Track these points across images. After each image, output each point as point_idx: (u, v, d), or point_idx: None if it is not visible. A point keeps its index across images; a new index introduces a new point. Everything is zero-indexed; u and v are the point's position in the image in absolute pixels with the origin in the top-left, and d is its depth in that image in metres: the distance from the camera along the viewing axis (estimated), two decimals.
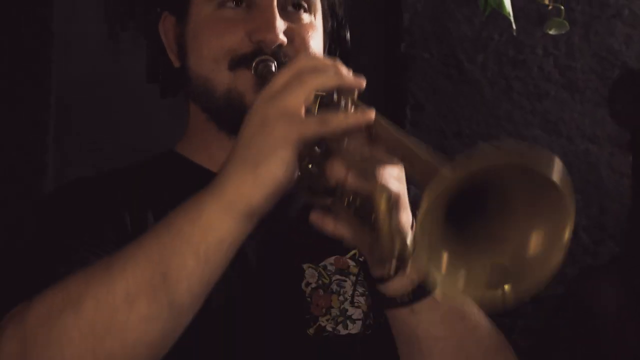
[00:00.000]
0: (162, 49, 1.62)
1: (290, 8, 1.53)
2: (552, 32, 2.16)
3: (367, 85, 1.27)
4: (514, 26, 2.26)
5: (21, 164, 2.25)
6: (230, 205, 1.23)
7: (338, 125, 1.21)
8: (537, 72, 2.65)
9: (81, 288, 1.25)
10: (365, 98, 1.28)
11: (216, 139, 1.57)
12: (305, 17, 1.55)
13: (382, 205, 1.12)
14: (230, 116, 1.50)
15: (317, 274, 1.54)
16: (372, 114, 1.22)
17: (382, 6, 2.49)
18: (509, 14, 2.21)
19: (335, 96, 1.25)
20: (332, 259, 1.55)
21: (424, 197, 0.99)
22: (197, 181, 1.31)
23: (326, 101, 1.25)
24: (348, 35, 1.68)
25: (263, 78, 1.45)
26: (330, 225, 1.27)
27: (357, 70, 1.74)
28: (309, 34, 1.54)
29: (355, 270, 1.56)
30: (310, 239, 1.53)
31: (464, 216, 1.06)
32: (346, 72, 1.25)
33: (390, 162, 1.21)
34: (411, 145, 1.14)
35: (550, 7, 2.08)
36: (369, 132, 1.23)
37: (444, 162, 1.04)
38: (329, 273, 1.54)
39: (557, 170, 1.01)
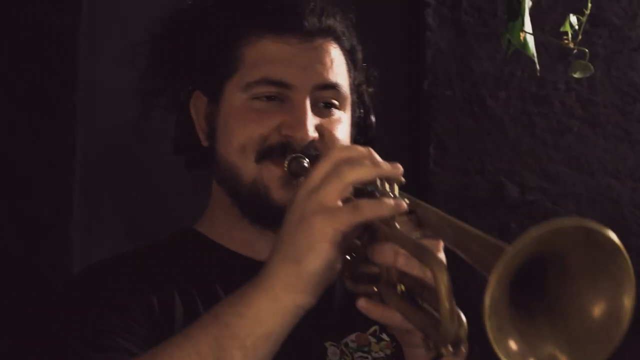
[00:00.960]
0: (191, 125, 1.64)
1: (321, 105, 1.56)
2: (577, 75, 2.17)
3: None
4: (537, 67, 2.27)
5: (48, 208, 2.26)
6: (276, 301, 1.25)
7: (372, 213, 1.22)
8: (559, 108, 2.65)
9: None
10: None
11: (239, 223, 1.60)
12: (336, 114, 1.58)
13: (444, 285, 1.10)
14: (255, 207, 1.55)
15: (339, 352, 1.57)
16: (403, 204, 1.23)
17: (405, 45, 2.49)
18: (533, 55, 2.22)
19: (374, 185, 1.26)
20: (353, 336, 1.58)
21: (492, 277, 0.98)
22: (221, 262, 1.40)
23: (364, 191, 1.26)
24: (374, 121, 1.71)
25: (296, 175, 1.49)
26: (379, 311, 1.27)
27: (380, 108, 1.77)
28: (338, 128, 1.57)
29: (376, 347, 1.58)
30: (332, 315, 1.59)
31: (524, 295, 1.05)
32: (382, 162, 1.26)
33: (439, 244, 1.21)
34: (465, 226, 1.14)
35: (575, 51, 2.09)
36: (416, 218, 1.24)
37: (499, 241, 1.04)
38: (350, 350, 1.57)
39: (612, 233, 1.01)
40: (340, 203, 1.24)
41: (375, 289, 1.27)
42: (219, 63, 1.59)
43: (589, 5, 2.12)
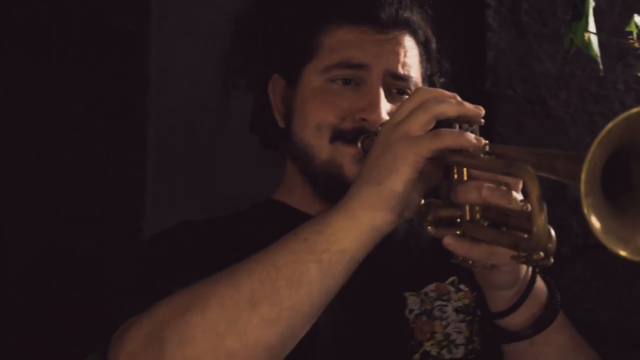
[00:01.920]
0: (269, 107, 1.72)
1: (394, 91, 1.63)
2: None
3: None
4: (601, 66, 2.28)
5: (121, 205, 2.30)
6: (354, 219, 1.30)
7: (452, 141, 1.28)
8: (618, 108, 2.65)
9: (207, 289, 1.33)
10: None
11: (314, 199, 1.67)
12: None
13: (536, 193, 1.14)
14: (328, 184, 1.62)
15: (419, 301, 1.61)
16: (482, 139, 1.30)
17: (466, 46, 2.52)
18: (596, 55, 2.23)
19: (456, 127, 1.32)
20: (432, 286, 1.63)
21: (584, 174, 1.04)
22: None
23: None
24: None
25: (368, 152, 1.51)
26: (466, 246, 1.30)
27: None
28: None
29: (455, 297, 1.63)
30: (410, 267, 1.66)
31: (614, 190, 1.10)
32: (467, 103, 1.33)
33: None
34: (546, 150, 1.21)
35: None
36: (496, 157, 1.29)
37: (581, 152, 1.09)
38: (430, 299, 1.62)
39: None
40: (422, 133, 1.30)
41: (458, 232, 1.30)
42: (299, 49, 1.67)
43: None
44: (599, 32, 2.22)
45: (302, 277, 1.30)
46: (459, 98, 1.34)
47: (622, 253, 1.07)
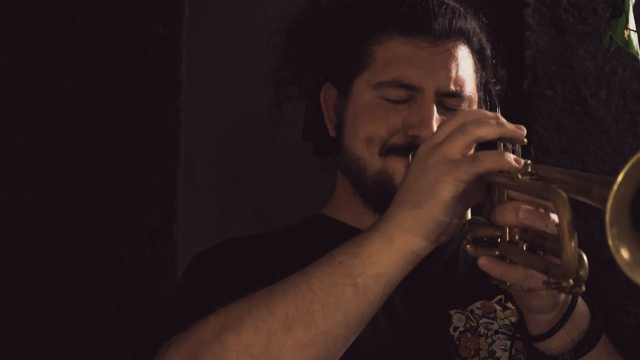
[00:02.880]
0: (320, 115, 1.72)
1: (447, 106, 1.61)
2: None
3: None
4: None
5: (153, 213, 2.30)
6: (391, 243, 1.29)
7: (491, 164, 1.26)
8: None
9: (243, 311, 1.33)
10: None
11: (362, 210, 1.66)
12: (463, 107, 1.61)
13: (567, 218, 1.11)
14: (379, 195, 1.61)
15: (464, 318, 1.59)
16: (522, 160, 1.27)
17: (504, 45, 2.48)
18: (637, 53, 2.18)
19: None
20: (478, 304, 1.61)
21: (610, 203, 1.01)
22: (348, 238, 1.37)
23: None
24: (499, 111, 1.75)
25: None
26: (501, 268, 1.28)
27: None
28: None
29: (501, 315, 1.61)
30: (457, 284, 1.64)
31: None
32: (507, 122, 1.30)
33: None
34: (587, 174, 1.16)
35: None
36: (538, 178, 1.26)
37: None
38: (476, 317, 1.60)
39: None
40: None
41: (497, 252, 1.28)
42: (351, 59, 1.66)
43: None
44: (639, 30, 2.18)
45: (338, 301, 1.29)
46: (501, 118, 1.31)
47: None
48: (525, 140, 1.30)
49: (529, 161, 1.28)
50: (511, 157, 1.27)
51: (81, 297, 2.26)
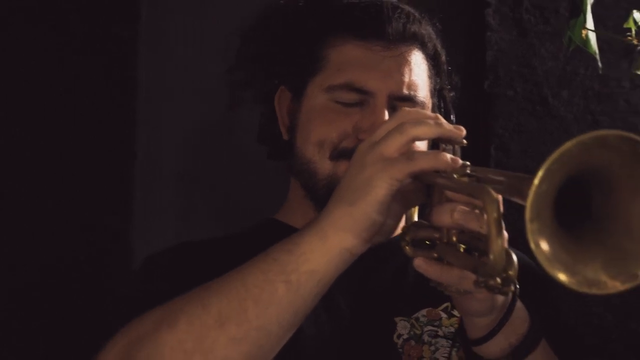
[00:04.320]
0: (274, 118, 1.72)
1: (400, 105, 1.60)
2: None
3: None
4: (599, 64, 2.23)
5: (108, 214, 2.29)
6: (324, 240, 1.29)
7: (426, 164, 1.26)
8: (624, 106, 2.60)
9: (178, 307, 1.34)
10: None
11: (314, 214, 1.61)
12: None
13: (494, 216, 1.11)
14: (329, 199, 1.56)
15: (409, 326, 1.59)
16: (459, 160, 1.27)
17: (466, 45, 2.48)
18: (595, 52, 2.18)
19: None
20: (424, 311, 1.61)
21: (530, 199, 1.00)
22: None
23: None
24: (454, 118, 1.76)
25: None
26: (437, 269, 1.29)
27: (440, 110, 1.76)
28: None
29: (447, 322, 1.61)
30: (404, 292, 1.64)
31: (572, 218, 1.07)
32: (446, 123, 1.30)
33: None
34: (522, 175, 1.16)
35: (638, 47, 2.05)
36: (477, 180, 1.27)
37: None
38: (420, 324, 1.59)
39: None
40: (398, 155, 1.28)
41: (435, 255, 1.29)
42: (305, 61, 1.66)
43: None
44: (600, 29, 2.18)
45: (271, 297, 1.30)
46: (440, 119, 1.31)
47: (564, 279, 1.03)
48: (465, 141, 1.30)
49: (468, 163, 1.27)
50: (448, 157, 1.26)
51: (36, 299, 2.25)
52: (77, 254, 2.27)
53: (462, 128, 1.30)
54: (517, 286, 1.34)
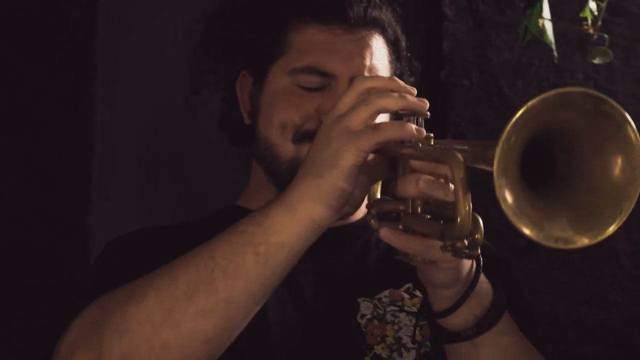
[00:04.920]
0: (236, 104, 1.72)
1: None
2: (596, 61, 2.16)
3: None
4: (555, 54, 2.26)
5: (66, 201, 2.27)
6: (293, 212, 1.31)
7: (392, 133, 1.28)
8: None
9: (146, 282, 1.34)
10: None
11: None
12: None
13: (460, 178, 1.13)
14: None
15: (372, 306, 1.61)
16: (424, 131, 1.29)
17: (422, 35, 2.49)
18: (551, 42, 2.20)
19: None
20: (386, 292, 1.63)
21: (498, 152, 1.03)
22: None
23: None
24: None
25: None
26: (402, 238, 1.30)
27: None
28: None
29: (409, 302, 1.63)
30: (366, 274, 1.66)
31: (535, 175, 1.09)
32: (410, 96, 1.32)
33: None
34: (477, 141, 1.20)
35: (595, 37, 2.08)
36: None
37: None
38: (383, 304, 1.61)
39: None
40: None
41: (400, 226, 1.31)
42: (266, 46, 1.66)
43: None
44: (555, 19, 2.20)
45: (239, 269, 1.30)
46: (400, 84, 1.33)
47: (530, 233, 1.05)
48: (428, 113, 1.32)
49: (431, 134, 1.30)
50: (413, 127, 1.29)
51: None
52: (34, 239, 2.24)
53: (426, 100, 1.33)
54: (481, 258, 1.38)
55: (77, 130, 2.28)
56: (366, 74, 1.62)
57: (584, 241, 1.07)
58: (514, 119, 1.02)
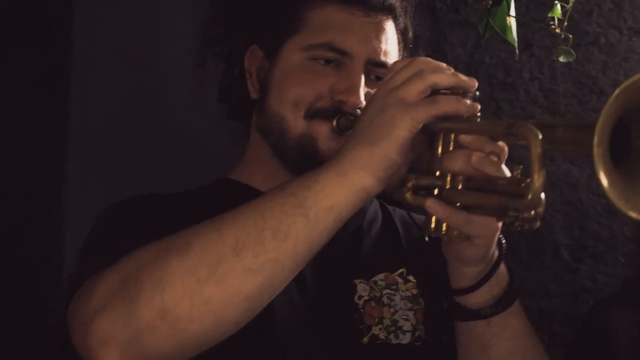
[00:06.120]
0: (242, 77, 1.70)
1: (373, 77, 1.63)
2: (561, 59, 2.26)
3: None
4: (517, 51, 2.35)
5: (40, 174, 2.25)
6: (344, 177, 1.32)
7: (448, 106, 1.31)
8: (523, 95, 2.74)
9: (189, 236, 1.32)
10: None
11: (279, 173, 1.65)
12: None
13: (538, 151, 1.16)
14: (299, 158, 1.61)
15: (368, 288, 1.63)
16: (478, 105, 1.32)
17: None
18: (514, 40, 2.29)
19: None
20: (381, 275, 1.65)
21: (596, 132, 1.07)
22: None
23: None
24: None
25: (344, 130, 1.57)
26: (447, 210, 1.32)
27: None
28: None
29: (403, 287, 1.66)
30: (361, 256, 1.68)
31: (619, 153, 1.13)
32: (461, 74, 1.36)
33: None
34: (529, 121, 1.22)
35: (562, 36, 2.17)
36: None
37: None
38: (379, 287, 1.64)
39: None
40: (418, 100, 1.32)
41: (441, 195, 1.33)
42: (283, 21, 1.65)
43: None
44: (520, 18, 2.29)
45: (289, 230, 1.30)
46: (453, 70, 1.37)
47: (635, 215, 1.11)
48: (477, 92, 1.35)
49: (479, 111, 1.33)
50: (467, 102, 1.32)
51: None
52: (10, 214, 2.21)
53: (475, 80, 1.36)
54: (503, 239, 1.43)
55: (52, 105, 2.26)
56: (382, 57, 1.63)
57: None
58: (612, 98, 1.07)
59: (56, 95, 2.27)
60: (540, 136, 1.16)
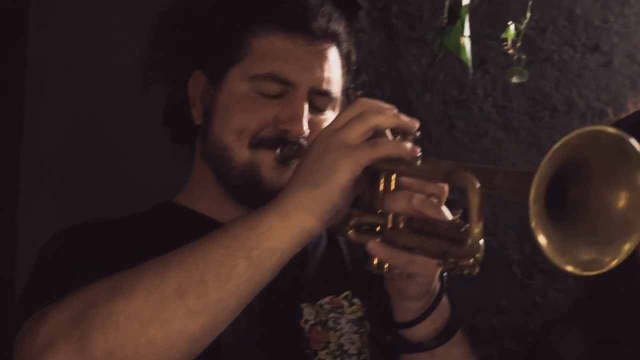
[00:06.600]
0: (185, 101, 1.70)
1: (315, 106, 1.64)
2: (514, 79, 2.29)
3: None
4: (471, 70, 2.37)
5: None
6: (287, 219, 1.33)
7: (389, 150, 1.32)
8: (477, 112, 2.76)
9: (134, 277, 1.33)
10: None
11: (223, 200, 1.66)
12: (327, 114, 1.66)
13: (477, 200, 1.18)
14: (243, 186, 1.63)
15: (314, 312, 1.64)
16: (418, 149, 1.34)
17: None
18: (468, 60, 2.32)
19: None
20: (327, 299, 1.66)
21: (533, 188, 1.08)
22: (204, 230, 1.39)
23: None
24: None
25: (287, 159, 1.58)
26: (388, 251, 1.36)
27: None
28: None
29: (348, 310, 1.66)
30: (307, 280, 1.69)
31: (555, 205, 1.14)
32: (403, 115, 1.38)
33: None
34: (471, 165, 1.25)
35: (515, 57, 2.20)
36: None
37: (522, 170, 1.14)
38: (325, 311, 1.65)
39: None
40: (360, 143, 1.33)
41: (378, 240, 1.35)
42: (227, 49, 1.65)
43: (528, 14, 2.24)
44: (474, 38, 2.31)
45: (231, 272, 1.32)
46: (395, 110, 1.38)
47: (571, 270, 1.12)
48: (418, 133, 1.37)
49: (420, 153, 1.34)
50: (409, 144, 1.34)
51: None
52: None
53: (416, 120, 1.38)
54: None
55: (5, 121, 2.24)
56: (324, 85, 1.64)
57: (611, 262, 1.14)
58: (551, 152, 1.08)
59: (9, 113, 2.25)
60: (478, 185, 1.18)
